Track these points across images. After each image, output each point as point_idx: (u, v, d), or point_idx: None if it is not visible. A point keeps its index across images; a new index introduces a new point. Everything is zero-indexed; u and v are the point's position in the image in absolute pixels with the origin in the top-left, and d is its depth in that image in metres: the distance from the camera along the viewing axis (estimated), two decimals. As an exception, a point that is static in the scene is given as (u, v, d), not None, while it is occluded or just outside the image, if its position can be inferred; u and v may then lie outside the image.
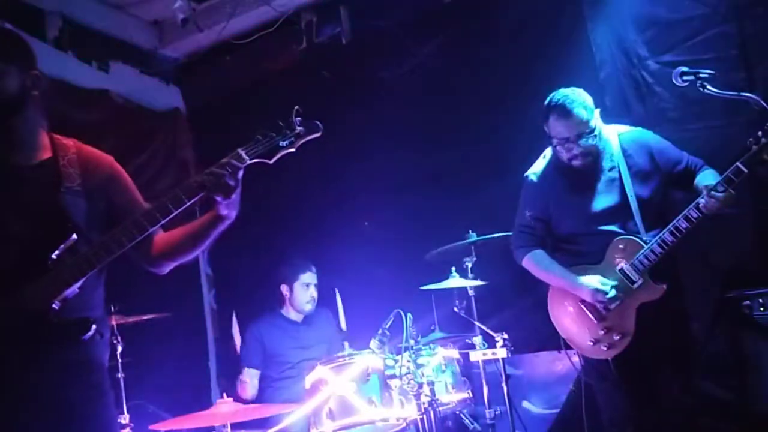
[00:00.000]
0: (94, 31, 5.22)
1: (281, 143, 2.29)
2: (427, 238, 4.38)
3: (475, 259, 4.11)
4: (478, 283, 4.06)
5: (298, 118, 2.30)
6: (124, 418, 3.88)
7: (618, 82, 4.37)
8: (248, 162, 2.25)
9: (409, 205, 4.86)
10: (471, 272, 4.09)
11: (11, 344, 2.14)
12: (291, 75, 5.45)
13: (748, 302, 3.68)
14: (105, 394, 2.35)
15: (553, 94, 3.38)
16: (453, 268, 4.07)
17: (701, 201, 3.09)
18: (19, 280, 2.16)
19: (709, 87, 3.11)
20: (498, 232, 4.06)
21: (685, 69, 3.16)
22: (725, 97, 3.15)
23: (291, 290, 4.78)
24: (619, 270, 3.28)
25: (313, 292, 4.79)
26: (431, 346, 3.84)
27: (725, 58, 4.03)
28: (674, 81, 3.19)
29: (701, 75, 3.13)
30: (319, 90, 5.13)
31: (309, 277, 4.78)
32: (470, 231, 4.15)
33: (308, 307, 4.77)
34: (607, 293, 3.24)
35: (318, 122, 2.35)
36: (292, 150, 2.32)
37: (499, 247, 4.17)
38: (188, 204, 2.24)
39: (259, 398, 4.63)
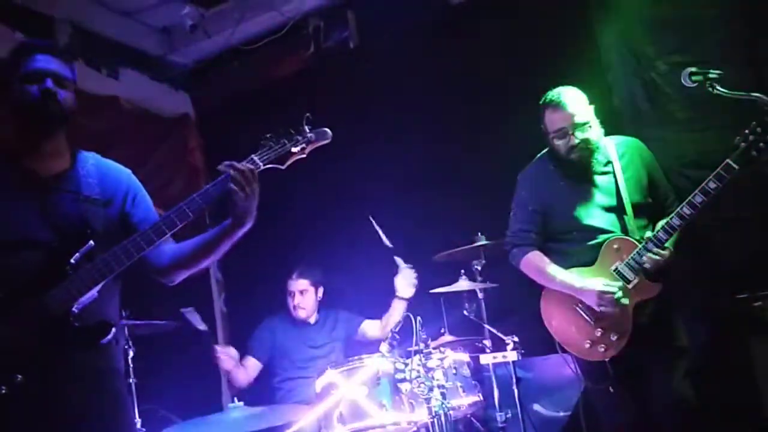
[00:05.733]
0: (104, 38, 5.25)
1: (293, 149, 2.34)
2: (435, 241, 4.38)
3: (484, 261, 4.11)
4: (488, 285, 4.05)
5: (309, 125, 2.36)
6: (137, 423, 3.90)
7: (626, 82, 4.36)
8: (262, 167, 2.29)
9: (417, 208, 4.85)
10: (480, 275, 4.08)
11: (32, 349, 2.16)
12: (299, 80, 5.47)
13: (759, 303, 3.67)
14: (123, 399, 2.38)
15: (546, 93, 3.45)
16: (462, 271, 4.07)
17: (697, 198, 3.10)
18: (39, 285, 2.19)
19: (717, 87, 3.09)
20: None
21: (693, 69, 3.14)
22: (734, 98, 3.13)
23: (286, 296, 4.78)
24: (614, 270, 3.26)
25: (299, 299, 4.67)
26: (441, 349, 3.84)
27: (734, 58, 4.01)
28: (683, 81, 3.17)
29: (710, 75, 3.11)
30: (328, 94, 5.14)
31: (291, 285, 4.70)
32: (479, 233, 4.14)
33: (299, 314, 4.69)
34: (614, 294, 3.21)
35: (327, 129, 2.39)
36: (303, 156, 2.37)
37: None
38: (204, 207, 2.28)
39: (271, 399, 4.63)
